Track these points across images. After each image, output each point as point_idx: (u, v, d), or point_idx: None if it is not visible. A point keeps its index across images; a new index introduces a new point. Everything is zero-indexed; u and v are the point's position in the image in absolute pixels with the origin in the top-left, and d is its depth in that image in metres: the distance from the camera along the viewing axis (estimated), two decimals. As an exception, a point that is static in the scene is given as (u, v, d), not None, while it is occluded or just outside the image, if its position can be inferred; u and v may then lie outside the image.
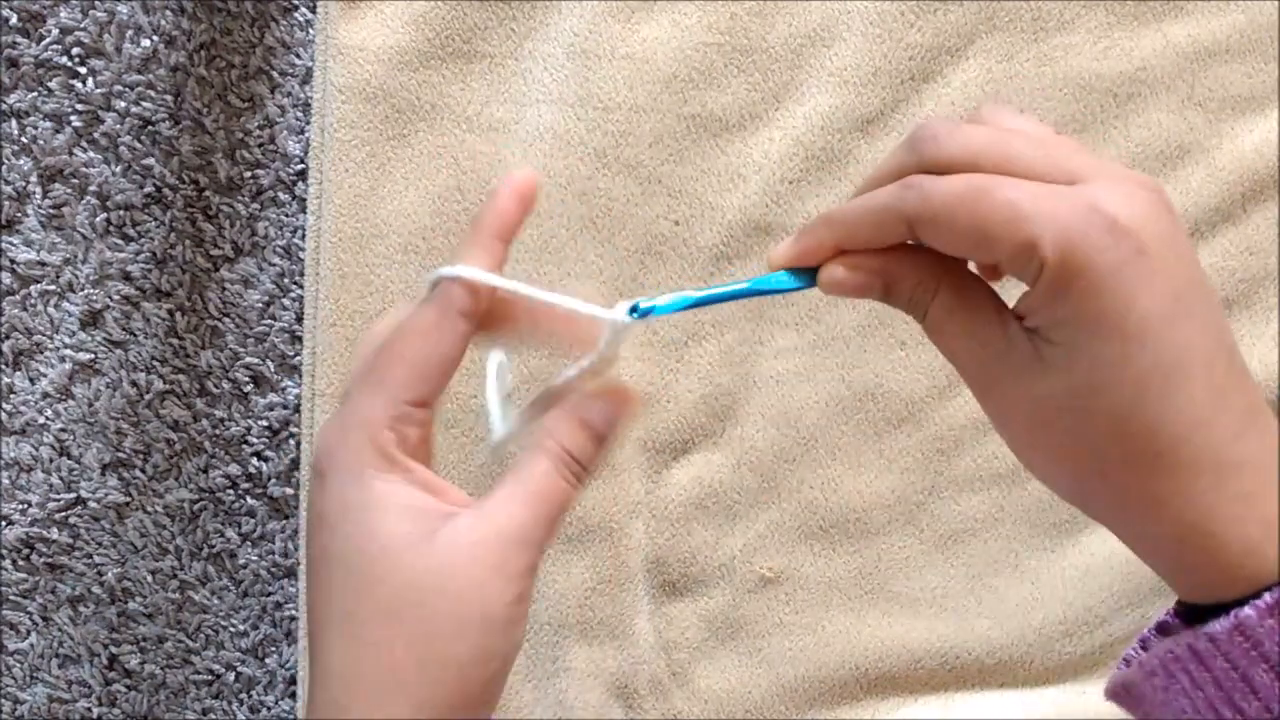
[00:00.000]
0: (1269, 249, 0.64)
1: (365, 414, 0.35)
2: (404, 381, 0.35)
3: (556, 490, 0.36)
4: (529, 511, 0.35)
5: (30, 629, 0.71)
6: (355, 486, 0.34)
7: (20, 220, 0.68)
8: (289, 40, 0.67)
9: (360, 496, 0.34)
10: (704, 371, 0.63)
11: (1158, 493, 0.31)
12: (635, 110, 0.63)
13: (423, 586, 0.33)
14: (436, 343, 0.36)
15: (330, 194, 0.63)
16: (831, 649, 0.64)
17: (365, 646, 0.33)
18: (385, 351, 0.36)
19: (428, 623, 0.33)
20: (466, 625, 0.33)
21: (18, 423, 0.69)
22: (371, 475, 0.34)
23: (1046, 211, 0.30)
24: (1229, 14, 0.63)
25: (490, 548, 0.34)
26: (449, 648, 0.33)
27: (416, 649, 0.33)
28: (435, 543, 0.34)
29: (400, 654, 0.33)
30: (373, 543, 0.34)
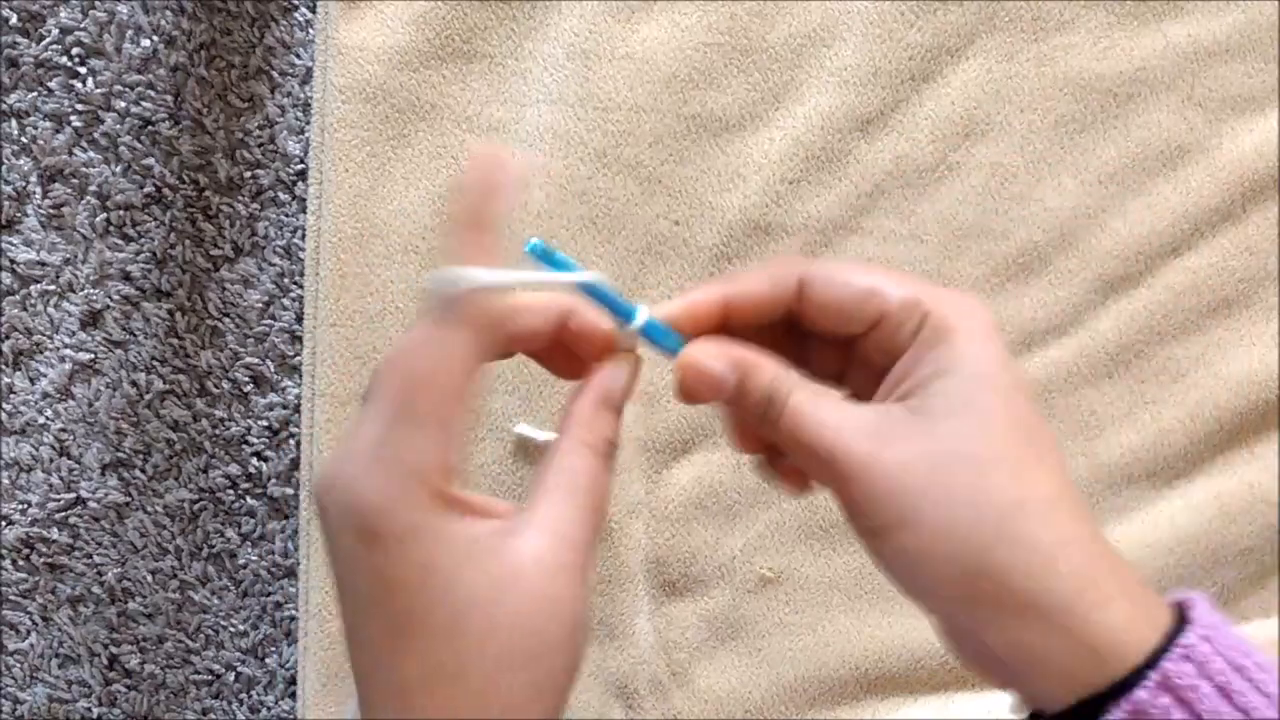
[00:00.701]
0: (1269, 249, 0.64)
1: (414, 462, 0.32)
2: (448, 419, 0.33)
3: (605, 484, 0.35)
4: (588, 513, 0.34)
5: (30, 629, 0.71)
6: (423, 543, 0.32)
7: (20, 220, 0.68)
8: (289, 40, 0.67)
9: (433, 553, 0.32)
10: (704, 371, 0.63)
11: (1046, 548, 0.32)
12: (635, 110, 0.63)
13: (526, 621, 0.32)
14: (468, 369, 0.33)
15: (330, 194, 0.63)
16: (831, 649, 0.64)
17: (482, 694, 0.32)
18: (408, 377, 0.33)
19: (538, 653, 0.33)
20: (565, 644, 0.33)
21: (18, 423, 0.69)
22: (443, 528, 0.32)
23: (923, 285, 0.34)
24: (1229, 14, 0.63)
25: (567, 561, 0.33)
26: (558, 667, 0.33)
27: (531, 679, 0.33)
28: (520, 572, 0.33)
29: (518, 690, 0.32)
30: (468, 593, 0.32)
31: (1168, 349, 0.63)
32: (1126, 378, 0.63)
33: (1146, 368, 0.63)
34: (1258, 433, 0.63)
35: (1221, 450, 0.63)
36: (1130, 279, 0.63)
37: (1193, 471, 0.63)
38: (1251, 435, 0.63)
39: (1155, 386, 0.63)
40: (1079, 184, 0.63)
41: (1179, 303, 0.63)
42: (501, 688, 0.32)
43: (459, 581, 0.32)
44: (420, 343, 0.33)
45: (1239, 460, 0.63)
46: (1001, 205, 0.63)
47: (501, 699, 0.32)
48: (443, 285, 0.34)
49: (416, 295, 0.63)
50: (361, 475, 0.32)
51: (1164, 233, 0.63)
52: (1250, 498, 0.62)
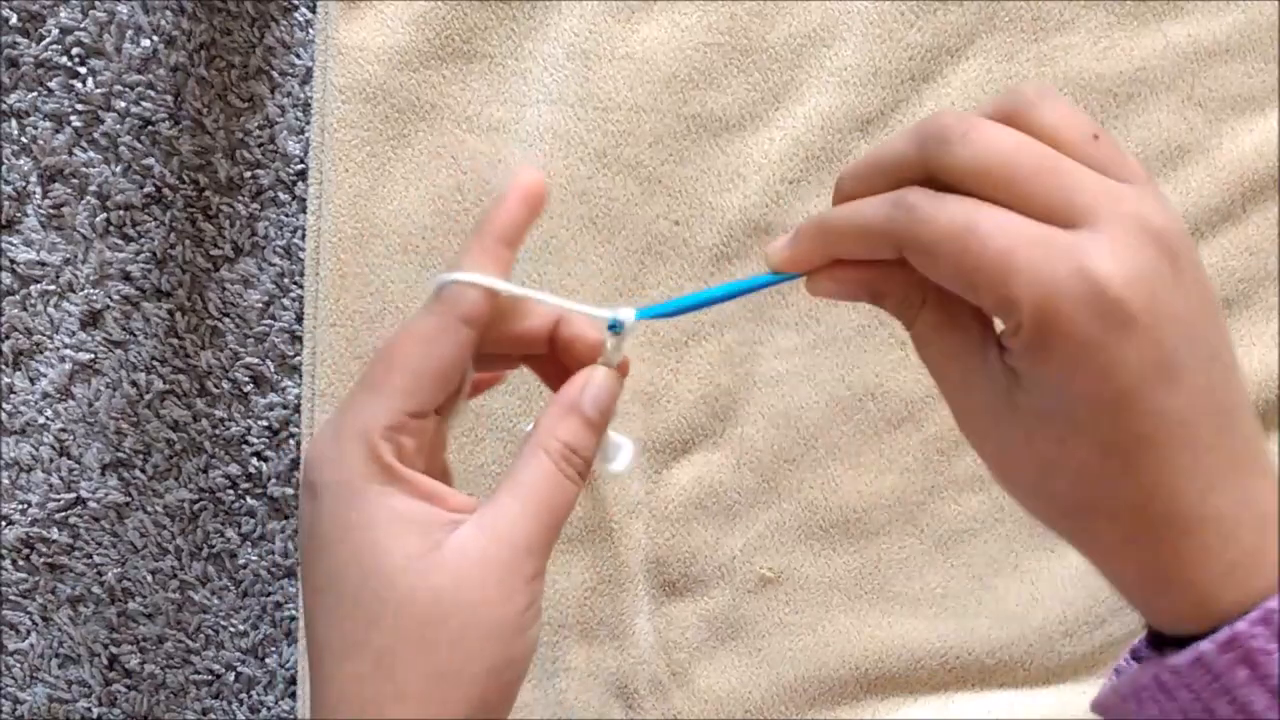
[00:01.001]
0: (1269, 249, 0.64)
1: (360, 425, 0.33)
2: (402, 390, 0.34)
3: (559, 490, 0.35)
4: (533, 516, 0.34)
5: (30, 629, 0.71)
6: (353, 503, 0.33)
7: (20, 220, 0.68)
8: (289, 40, 0.67)
9: (360, 514, 0.33)
10: (704, 371, 0.63)
11: (1123, 541, 0.31)
12: (635, 110, 0.63)
13: (431, 605, 0.32)
14: (438, 350, 0.34)
15: (330, 194, 0.63)
16: (831, 649, 0.64)
17: (374, 670, 0.32)
18: (383, 359, 0.34)
19: (439, 642, 0.32)
20: (479, 640, 0.33)
21: (18, 423, 0.69)
22: (370, 490, 0.33)
23: (1033, 270, 0.29)
24: (1229, 14, 0.63)
25: (497, 559, 0.33)
26: (463, 664, 0.32)
27: (428, 669, 0.32)
28: (441, 558, 0.32)
29: (411, 675, 0.32)
30: (376, 563, 0.32)
31: (1168, 349, 0.63)
32: (1126, 378, 0.63)
33: (1146, 368, 0.63)
34: (1258, 433, 0.63)
35: (1221, 450, 0.63)
36: (1130, 279, 0.63)
37: (1193, 471, 0.63)
38: (1251, 435, 0.63)
39: (1155, 386, 0.63)
40: (1079, 184, 0.63)
41: (1179, 303, 0.63)
42: (397, 667, 0.32)
43: (372, 549, 0.32)
44: (407, 330, 0.35)
45: (1239, 460, 0.63)
46: (1001, 205, 0.63)
47: (396, 679, 0.32)
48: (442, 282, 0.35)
49: (417, 295, 0.63)
50: (320, 439, 0.33)
51: (1164, 233, 0.63)
52: (1250, 498, 0.62)
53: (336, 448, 0.33)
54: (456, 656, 0.32)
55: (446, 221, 0.63)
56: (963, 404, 0.33)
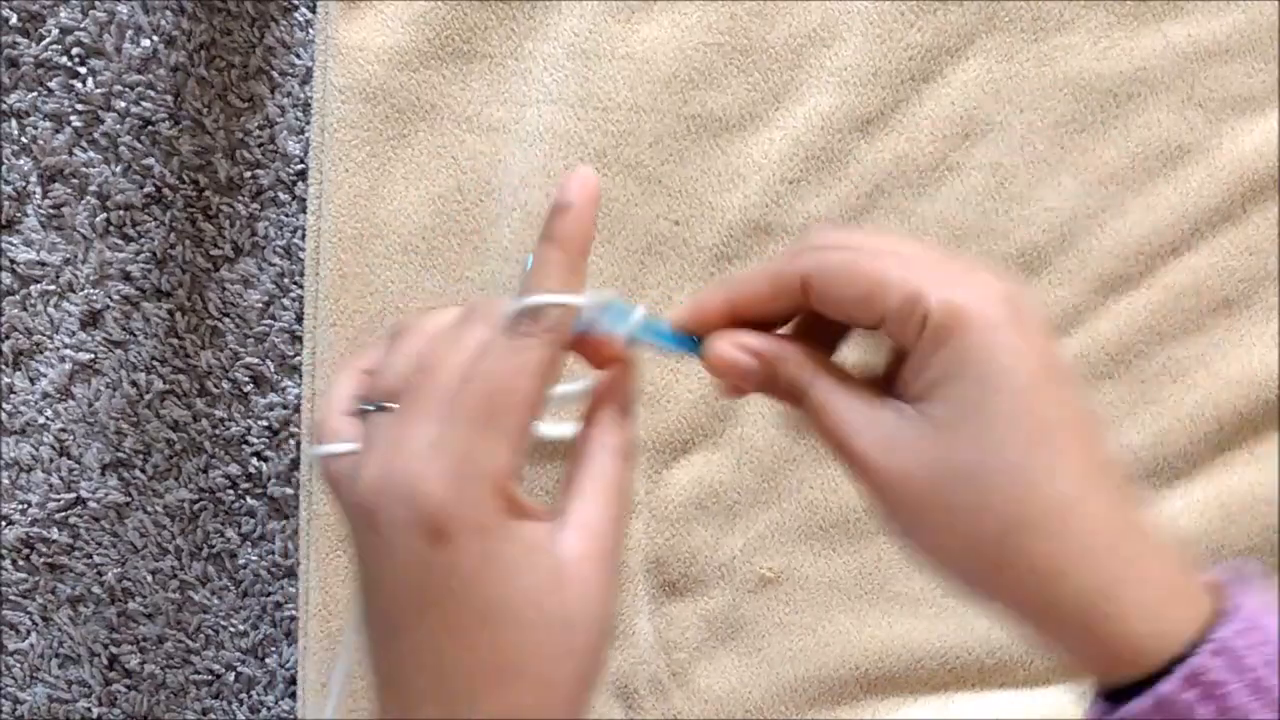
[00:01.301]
0: (1269, 249, 0.64)
1: (491, 466, 0.33)
2: (524, 427, 0.33)
3: (629, 486, 0.36)
4: (614, 510, 0.35)
5: (30, 629, 0.71)
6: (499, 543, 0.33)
7: (20, 220, 0.68)
8: (289, 40, 0.67)
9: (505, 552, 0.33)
10: (704, 371, 0.63)
11: (1050, 562, 0.31)
12: (635, 110, 0.63)
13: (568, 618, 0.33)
14: (539, 378, 0.34)
15: (330, 194, 0.63)
16: (831, 649, 0.64)
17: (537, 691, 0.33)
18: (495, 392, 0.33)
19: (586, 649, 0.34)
20: (604, 635, 0.34)
21: (18, 423, 0.69)
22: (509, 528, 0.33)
23: (932, 273, 0.32)
24: (1229, 14, 0.63)
25: (604, 560, 0.34)
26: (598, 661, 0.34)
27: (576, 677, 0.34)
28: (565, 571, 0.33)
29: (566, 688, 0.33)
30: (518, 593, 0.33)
31: (1168, 349, 0.63)
32: (1126, 378, 0.63)
33: (1146, 368, 0.63)
34: (1258, 433, 0.63)
35: (1221, 450, 0.63)
36: (1130, 279, 0.63)
37: (1193, 471, 0.63)
38: (1251, 435, 0.63)
39: (1155, 386, 0.63)
40: (1079, 184, 0.63)
41: (1179, 303, 0.63)
42: (558, 680, 0.33)
43: (520, 579, 0.33)
44: (498, 353, 0.33)
45: (1239, 460, 0.63)
46: (1001, 205, 0.63)
47: (560, 691, 0.33)
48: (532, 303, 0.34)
49: (417, 295, 0.63)
50: (432, 477, 0.32)
51: (1164, 233, 0.63)
52: (1250, 498, 0.62)
53: (470, 492, 0.32)
54: (596, 653, 0.34)
55: (446, 221, 0.63)
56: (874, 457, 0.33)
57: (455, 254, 0.62)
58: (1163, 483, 0.63)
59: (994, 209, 0.63)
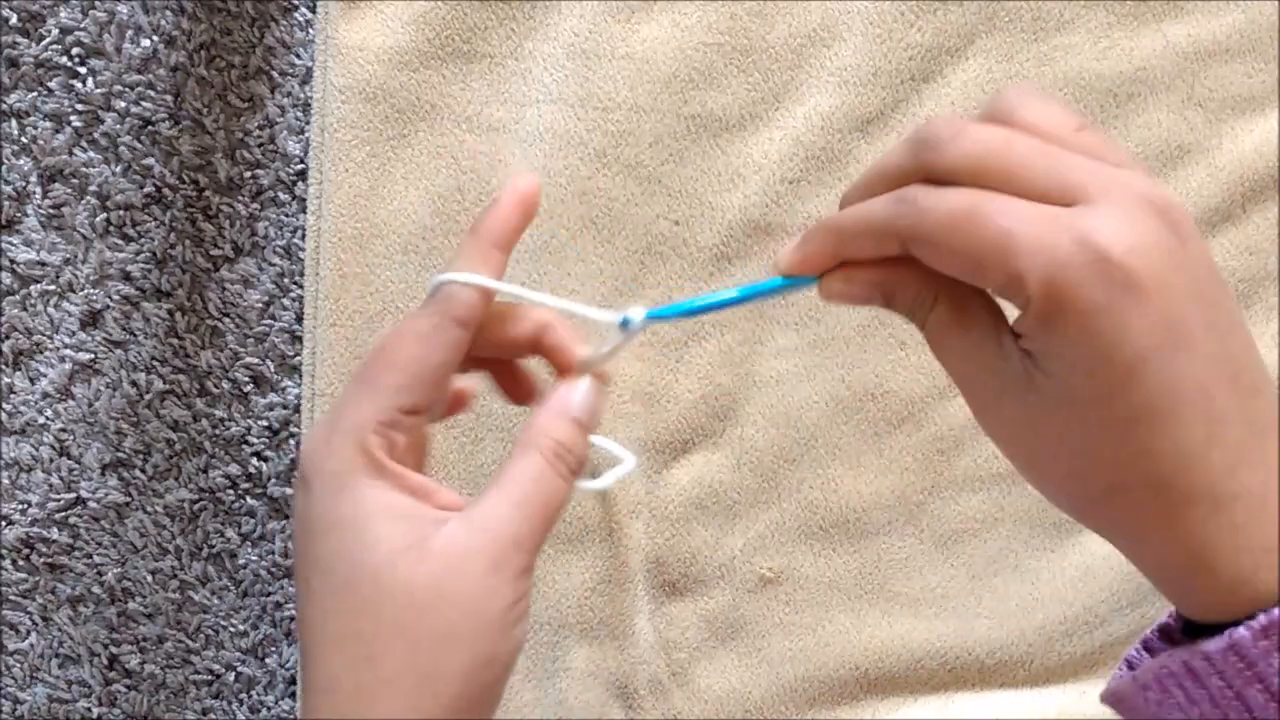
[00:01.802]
0: (1269, 249, 0.64)
1: (353, 420, 0.34)
2: (395, 387, 0.34)
3: (550, 487, 0.35)
4: (522, 512, 0.34)
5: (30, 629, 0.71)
6: (343, 495, 0.33)
7: (20, 220, 0.68)
8: (289, 40, 0.67)
9: (350, 506, 0.33)
10: (704, 371, 0.63)
11: (1150, 524, 0.31)
12: (635, 110, 0.63)
13: (417, 597, 0.32)
14: (430, 349, 0.35)
15: (330, 194, 0.63)
16: (831, 649, 0.64)
17: (361, 660, 0.32)
18: (378, 357, 0.35)
19: (424, 634, 0.32)
20: (464, 633, 0.33)
21: (18, 423, 0.69)
22: (360, 483, 0.33)
23: (1035, 244, 0.29)
24: (1229, 14, 0.63)
25: (484, 553, 0.33)
26: (448, 657, 0.33)
27: (415, 660, 0.32)
28: (428, 551, 0.33)
29: (398, 666, 0.32)
30: (364, 554, 0.33)
31: (1168, 349, 0.63)
32: (1126, 378, 0.63)
33: (1146, 368, 0.63)
34: (1258, 433, 0.63)
35: (1221, 450, 0.63)
36: (1130, 279, 0.63)
37: (1193, 471, 0.63)
38: (1251, 435, 0.63)
39: (1155, 386, 0.63)
40: (1079, 184, 0.63)
41: (1179, 303, 0.63)
42: (383, 657, 0.32)
43: (362, 541, 0.33)
44: (400, 328, 0.36)
45: (1239, 460, 0.63)
46: (1001, 205, 0.63)
47: (382, 669, 0.32)
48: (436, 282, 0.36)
49: (417, 295, 0.63)
50: (314, 434, 0.34)
51: (1164, 233, 0.63)
52: (1250, 498, 0.62)
53: (329, 442, 0.34)
54: (442, 649, 0.33)
55: (446, 221, 0.63)
56: (982, 399, 0.33)
57: (451, 255, 0.62)
58: (1163, 483, 0.63)
59: (994, 209, 0.63)
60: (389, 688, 0.32)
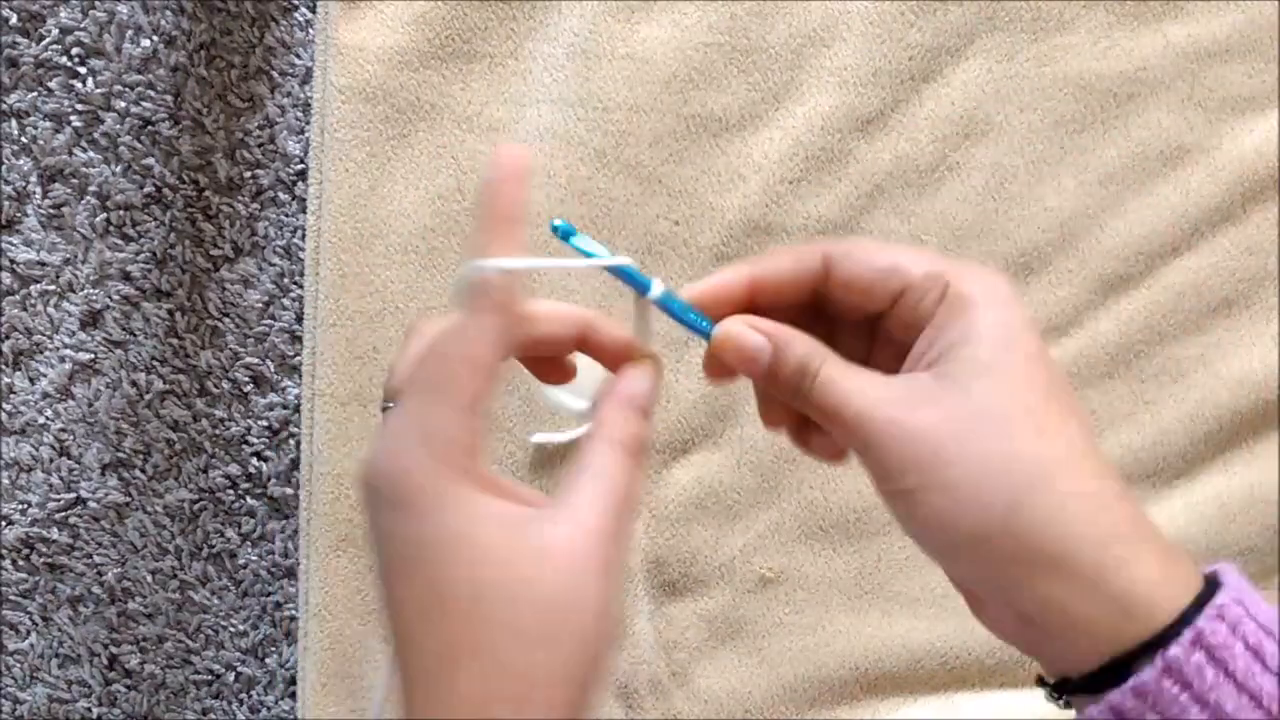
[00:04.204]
0: (1269, 249, 0.64)
1: (440, 431, 0.33)
2: (470, 393, 0.34)
3: (634, 478, 0.36)
4: (615, 506, 0.35)
5: (30, 629, 0.71)
6: (450, 511, 0.33)
7: (20, 220, 0.68)
8: (289, 40, 0.67)
9: (460, 521, 0.33)
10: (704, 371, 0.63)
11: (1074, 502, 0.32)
12: (635, 110, 0.63)
13: (544, 602, 0.33)
14: (491, 347, 0.34)
15: (330, 194, 0.63)
16: (831, 649, 0.64)
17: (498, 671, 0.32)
18: (440, 362, 0.34)
19: (557, 638, 0.33)
20: (590, 633, 0.33)
21: (18, 423, 0.69)
22: (464, 496, 0.33)
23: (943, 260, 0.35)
24: (1229, 14, 0.63)
25: (593, 551, 0.33)
26: (579, 657, 0.33)
27: (551, 665, 0.33)
28: (543, 555, 0.33)
29: (537, 673, 0.32)
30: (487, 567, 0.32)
31: (1168, 349, 0.63)
32: (1126, 378, 0.63)
33: (1146, 368, 0.63)
34: (1258, 433, 0.63)
35: (1221, 450, 0.63)
36: (1130, 279, 0.63)
37: (1193, 471, 0.63)
38: (1251, 435, 0.63)
39: (1155, 386, 0.63)
40: (1079, 184, 0.63)
41: (1179, 303, 0.63)
42: (519, 666, 0.32)
43: (484, 555, 0.33)
44: (453, 329, 0.35)
45: (1239, 460, 0.63)
46: (1001, 205, 0.63)
47: (518, 677, 0.32)
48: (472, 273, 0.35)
49: (417, 295, 0.63)
50: (398, 451, 0.33)
51: (1164, 233, 0.63)
52: (1250, 498, 0.62)
53: (418, 458, 0.33)
54: (574, 647, 0.33)
55: (446, 222, 0.63)
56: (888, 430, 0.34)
57: (455, 254, 0.62)
58: (1162, 483, 0.63)
59: (994, 209, 0.63)
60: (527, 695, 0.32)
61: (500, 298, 0.35)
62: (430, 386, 0.34)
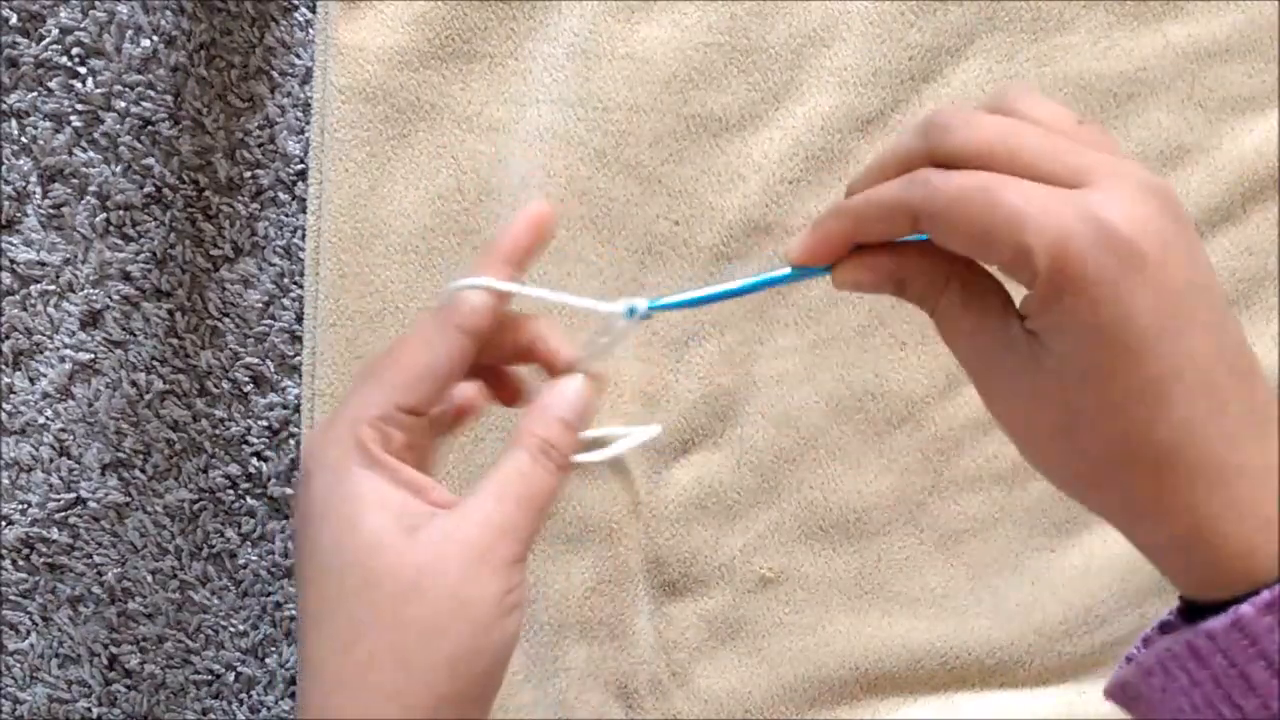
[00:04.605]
0: (1269, 249, 0.64)
1: (353, 413, 0.35)
2: (396, 384, 0.35)
3: (535, 479, 0.36)
4: (511, 503, 0.35)
5: (30, 629, 0.71)
6: (338, 484, 0.34)
7: (20, 220, 0.68)
8: (289, 40, 0.67)
9: (342, 493, 0.34)
10: (704, 371, 0.63)
11: (1155, 498, 0.31)
12: (635, 110, 0.63)
13: (402, 585, 0.33)
14: (433, 352, 0.36)
15: (330, 194, 0.63)
16: (831, 649, 0.64)
17: (348, 645, 0.33)
18: (384, 356, 0.36)
19: (409, 622, 0.33)
20: (452, 621, 0.33)
21: (18, 423, 0.69)
22: (354, 473, 0.34)
23: (1044, 218, 0.30)
24: (1229, 14, 0.63)
25: (472, 541, 0.34)
26: (433, 646, 0.33)
27: (398, 648, 0.33)
28: (417, 539, 0.33)
29: (381, 653, 0.33)
30: (353, 541, 0.33)
31: (1168, 349, 0.63)
32: (1126, 378, 0.63)
33: (1146, 368, 0.63)
34: (1258, 433, 0.63)
35: (1221, 450, 0.63)
36: (1130, 279, 0.63)
37: (1193, 471, 0.63)
38: (1251, 435, 0.63)
39: (1155, 386, 0.63)
40: (1079, 184, 0.63)
41: (1179, 303, 0.63)
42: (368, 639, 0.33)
43: (351, 525, 0.33)
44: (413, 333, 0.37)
45: (1239, 460, 0.63)
46: (1001, 205, 0.63)
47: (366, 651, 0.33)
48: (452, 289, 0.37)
49: (417, 295, 0.63)
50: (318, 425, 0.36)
51: (1164, 233, 0.63)
52: (1250, 498, 0.62)
53: (329, 433, 0.35)
54: (428, 638, 0.33)
55: (446, 221, 0.63)
56: (989, 380, 0.34)
57: (455, 254, 0.63)
58: (1163, 483, 0.63)
59: (994, 209, 0.63)
60: (372, 674, 0.33)
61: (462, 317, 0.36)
62: (365, 375, 0.36)
